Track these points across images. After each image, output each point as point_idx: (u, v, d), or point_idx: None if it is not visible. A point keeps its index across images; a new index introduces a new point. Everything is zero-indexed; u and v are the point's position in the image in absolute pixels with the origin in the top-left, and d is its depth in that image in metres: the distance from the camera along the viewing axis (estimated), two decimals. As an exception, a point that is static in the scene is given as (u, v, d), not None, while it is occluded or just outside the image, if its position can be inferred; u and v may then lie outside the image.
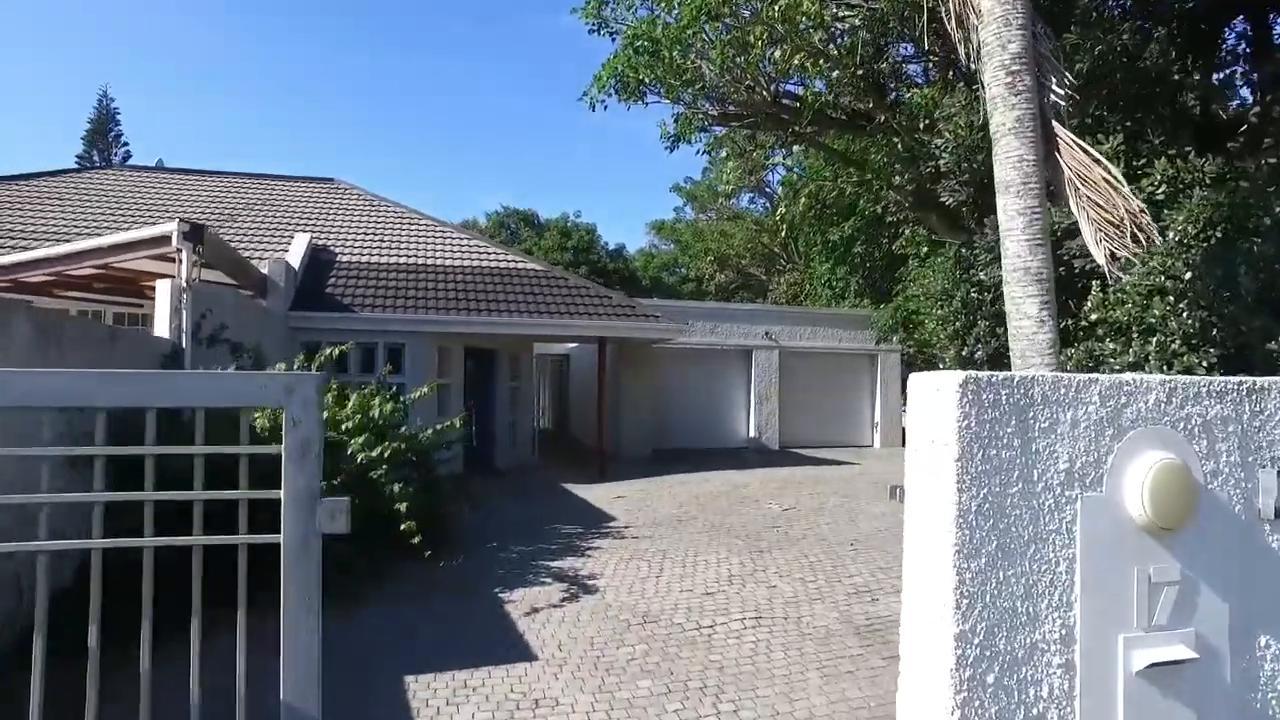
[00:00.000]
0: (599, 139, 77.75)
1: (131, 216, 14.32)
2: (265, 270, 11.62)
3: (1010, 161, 3.11)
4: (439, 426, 8.07)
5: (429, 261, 14.45)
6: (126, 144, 36.28)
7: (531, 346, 15.43)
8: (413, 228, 16.01)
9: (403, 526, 6.10)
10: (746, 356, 18.10)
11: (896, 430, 18.80)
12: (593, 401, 17.08)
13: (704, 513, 9.75)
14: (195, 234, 7.75)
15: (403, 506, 6.16)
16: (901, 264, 18.03)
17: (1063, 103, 3.19)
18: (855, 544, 8.02)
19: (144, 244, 7.98)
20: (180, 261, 7.76)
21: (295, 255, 13.14)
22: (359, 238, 15.14)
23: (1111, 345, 5.82)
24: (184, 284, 7.69)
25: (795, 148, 10.64)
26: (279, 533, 1.83)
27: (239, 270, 10.34)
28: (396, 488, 6.25)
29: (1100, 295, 6.28)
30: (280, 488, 1.82)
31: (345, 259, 14.03)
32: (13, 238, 11.85)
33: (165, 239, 7.69)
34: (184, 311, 7.68)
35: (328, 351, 8.17)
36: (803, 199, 12.21)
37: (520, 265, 14.92)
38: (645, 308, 14.19)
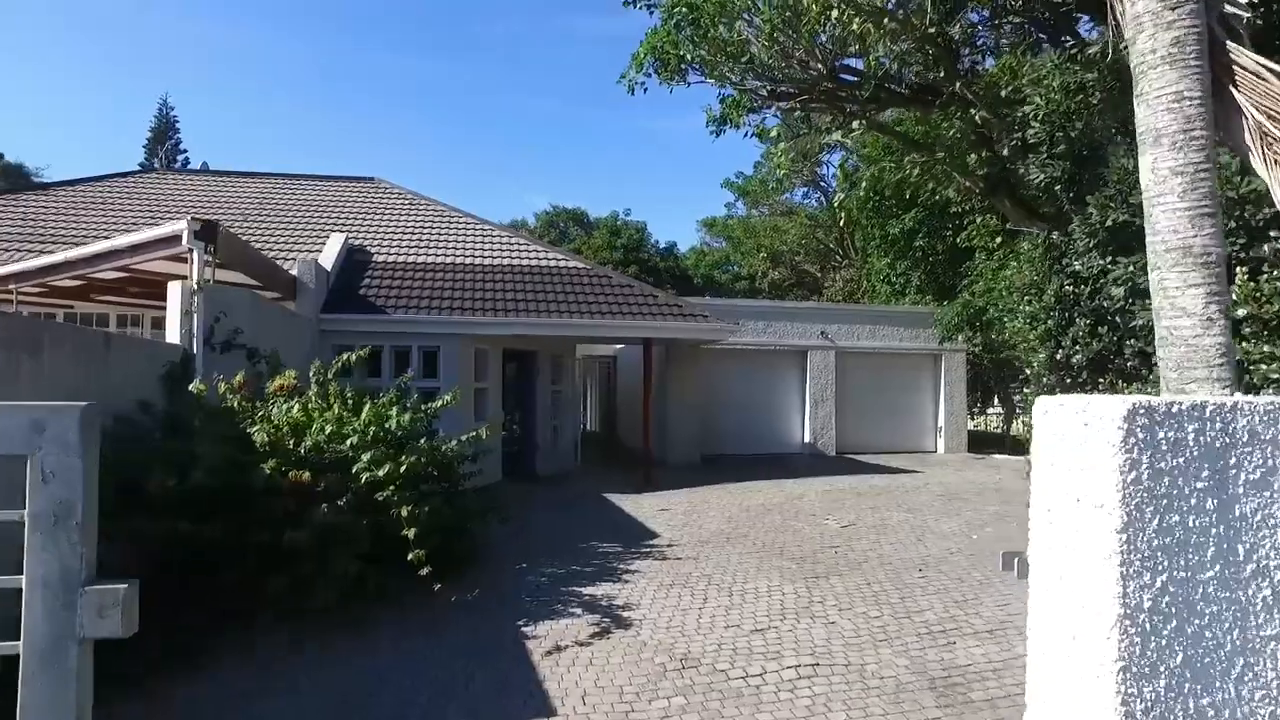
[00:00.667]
0: (650, 141, 77.16)
1: (167, 218, 14.16)
2: (295, 272, 11.24)
3: (1164, 102, 2.26)
4: (465, 437, 7.46)
5: (468, 261, 13.94)
6: (185, 151, 37.15)
7: (574, 348, 14.82)
8: (453, 226, 15.56)
9: (410, 556, 5.46)
10: (801, 357, 17.16)
11: (961, 435, 17.60)
12: (640, 404, 16.39)
13: (754, 529, 8.94)
14: (207, 232, 7.30)
15: (411, 532, 5.52)
16: (967, 257, 16.85)
17: (1244, 13, 2.34)
18: (924, 570, 7.12)
19: (156, 244, 7.58)
20: (192, 262, 7.32)
21: (329, 256, 12.77)
22: (397, 237, 14.75)
23: (1268, 348, 4.70)
24: (195, 285, 7.25)
25: (854, 129, 9.67)
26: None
27: (264, 272, 9.95)
28: (406, 511, 5.62)
29: (1249, 284, 5.17)
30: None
31: (381, 259, 13.62)
32: (41, 241, 11.74)
33: (176, 238, 7.27)
34: (195, 315, 7.23)
35: (345, 356, 7.63)
36: (863, 184, 11.24)
37: (562, 263, 14.31)
38: (693, 307, 13.43)
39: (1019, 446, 17.74)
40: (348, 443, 5.88)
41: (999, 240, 11.92)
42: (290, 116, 78.44)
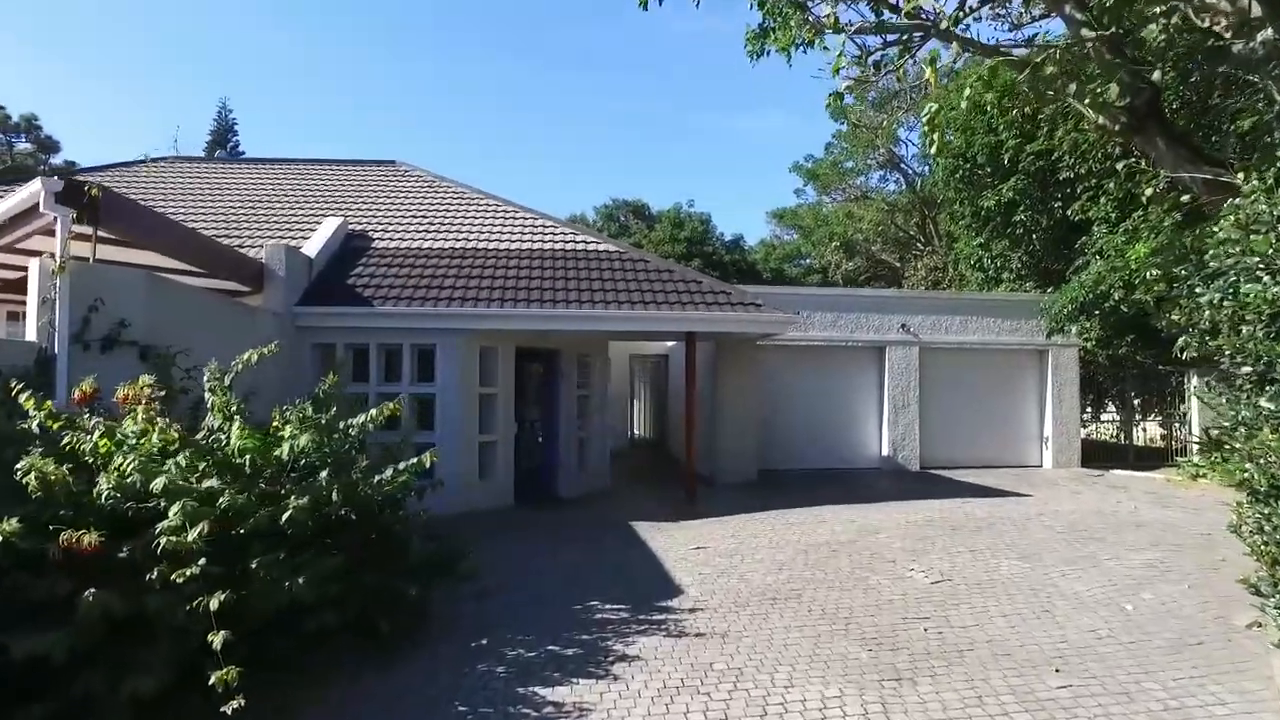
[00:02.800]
0: (720, 139, 74.70)
1: (198, 210, 12.86)
2: (263, 258, 9.56)
3: None
4: (406, 464, 5.50)
5: (479, 245, 12.07)
6: (243, 154, 36.88)
7: (605, 345, 12.78)
8: (470, 209, 13.74)
9: (214, 678, 3.47)
10: (878, 354, 14.64)
11: (1073, 446, 14.71)
12: (704, 409, 14.22)
13: (813, 582, 6.67)
14: (71, 195, 5.55)
15: (219, 640, 3.56)
16: (1081, 232, 13.99)
17: None
18: (1063, 668, 4.74)
19: (18, 220, 5.89)
20: (57, 235, 5.60)
21: (316, 243, 11.10)
22: (406, 221, 13.02)
23: None
24: (57, 265, 5.51)
25: (942, 56, 7.24)
26: None
27: (205, 256, 8.29)
28: (216, 600, 3.66)
29: None
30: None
31: (382, 246, 11.89)
32: None
33: (33, 208, 5.57)
34: (57, 303, 5.49)
35: (249, 355, 5.75)
36: (966, 92, 8.67)
37: (591, 247, 12.28)
38: (744, 294, 11.18)
39: (1148, 460, 14.75)
40: (157, 483, 3.91)
41: (1149, 195, 9.20)
42: (356, 119, 79.37)
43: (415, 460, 5.49)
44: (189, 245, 8.25)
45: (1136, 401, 16.24)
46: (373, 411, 5.52)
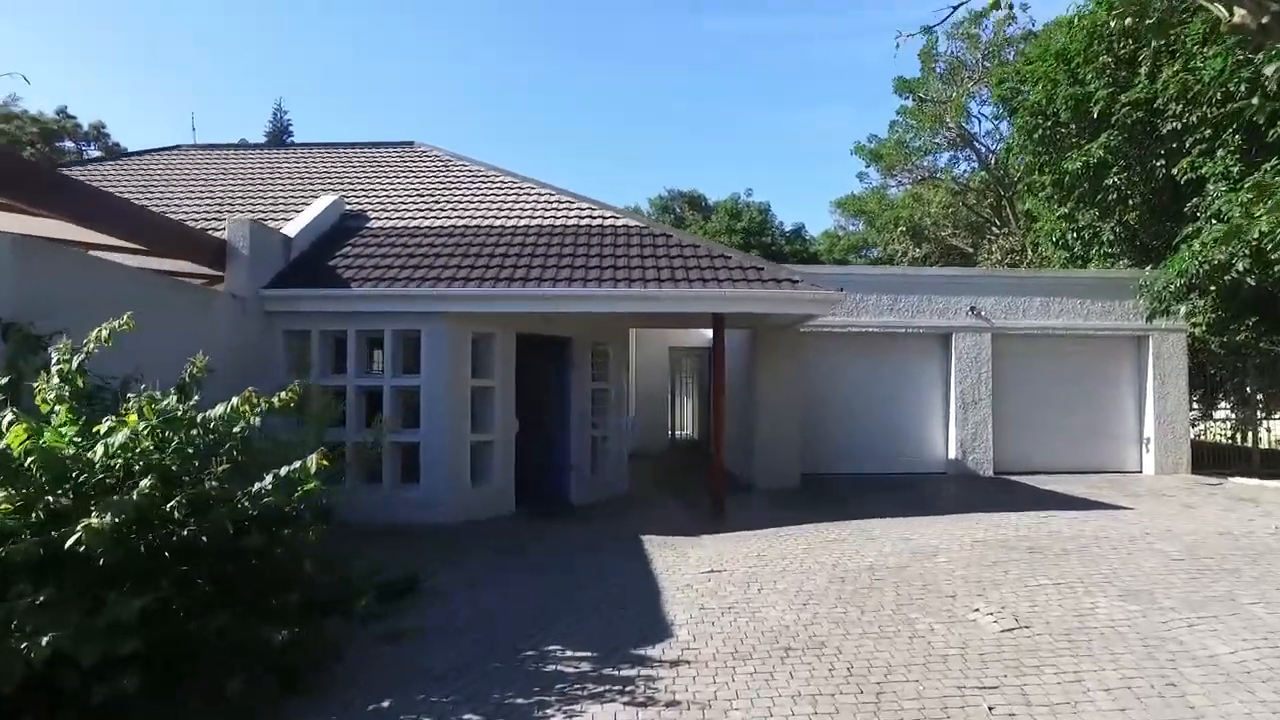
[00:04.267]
0: (782, 135, 72.48)
1: (184, 195, 12.12)
2: (226, 235, 8.52)
3: None
4: (288, 470, 4.21)
5: (484, 222, 10.85)
6: (295, 153, 36.92)
7: (625, 333, 11.38)
8: (483, 186, 12.55)
9: None
10: (943, 342, 12.79)
11: (1181, 449, 12.53)
12: (738, 406, 12.74)
13: (844, 624, 5.12)
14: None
15: None
16: (1190, 195, 11.83)
17: None
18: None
19: None
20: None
21: (301, 222, 10.06)
22: (410, 200, 11.92)
23: None
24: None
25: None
26: None
27: (154, 233, 7.27)
28: None
29: None
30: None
31: (378, 225, 10.79)
32: None
33: None
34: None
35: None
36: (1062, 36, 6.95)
37: (608, 221, 10.90)
38: (779, 270, 9.59)
39: (1276, 466, 12.46)
40: None
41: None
42: (411, 118, 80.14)
43: (300, 464, 4.17)
44: (127, 219, 7.23)
45: (1259, 396, 13.86)
46: (220, 408, 4.22)
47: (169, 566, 3.67)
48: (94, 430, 3.77)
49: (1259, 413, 13.91)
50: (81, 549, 3.22)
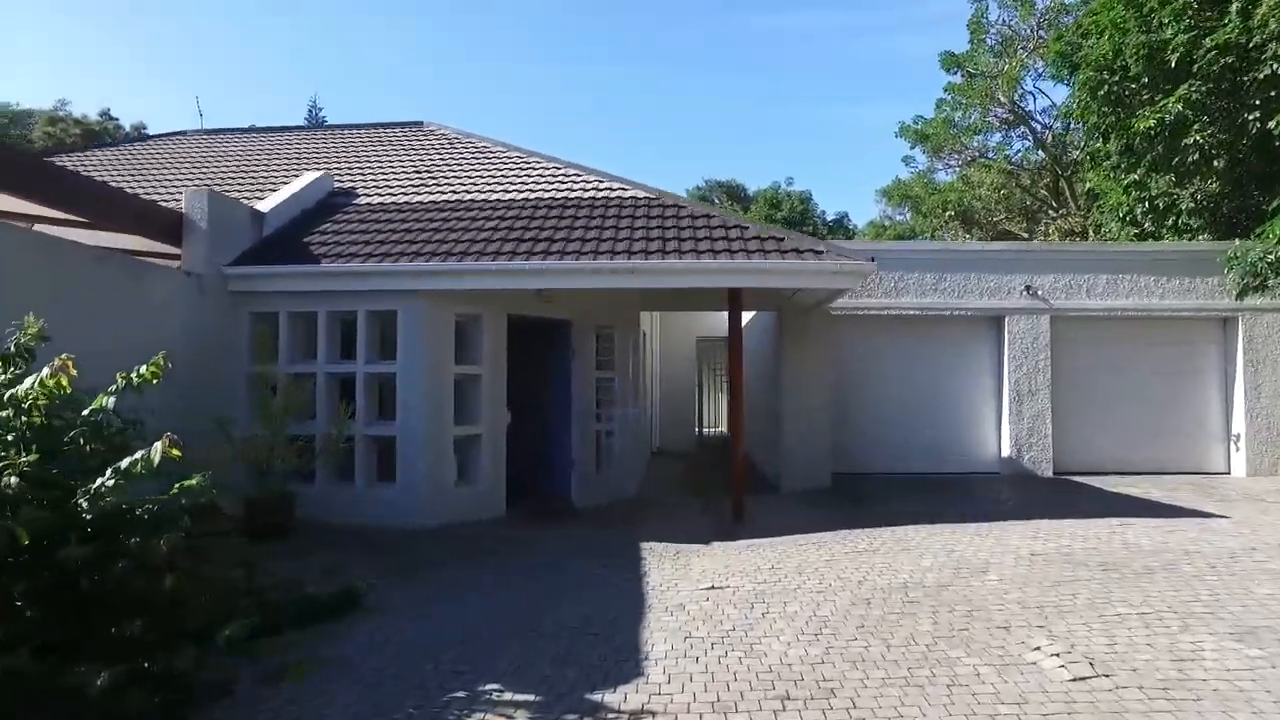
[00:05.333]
0: (826, 129, 70.53)
1: (181, 178, 11.49)
2: (183, 208, 7.72)
3: None
4: (126, 464, 3.27)
5: (478, 196, 9.92)
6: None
7: (634, 317, 10.30)
8: (485, 161, 11.62)
9: None
10: (994, 325, 11.42)
11: (1278, 447, 10.93)
12: (764, 399, 11.64)
13: (863, 664, 4.00)
14: None
15: None
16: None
17: None
18: None
19: None
20: None
21: (279, 197, 9.27)
22: (405, 177, 11.07)
23: None
24: None
25: None
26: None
27: (96, 204, 6.51)
28: None
29: None
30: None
31: (364, 201, 9.95)
32: None
33: None
34: None
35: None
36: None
37: (614, 193, 9.86)
38: (802, 240, 8.38)
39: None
40: None
41: None
42: (443, 107, 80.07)
43: (141, 456, 3.22)
44: (68, 191, 6.47)
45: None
46: (44, 372, 3.29)
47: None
48: None
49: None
50: None
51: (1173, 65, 10.98)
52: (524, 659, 4.22)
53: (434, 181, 10.72)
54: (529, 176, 10.73)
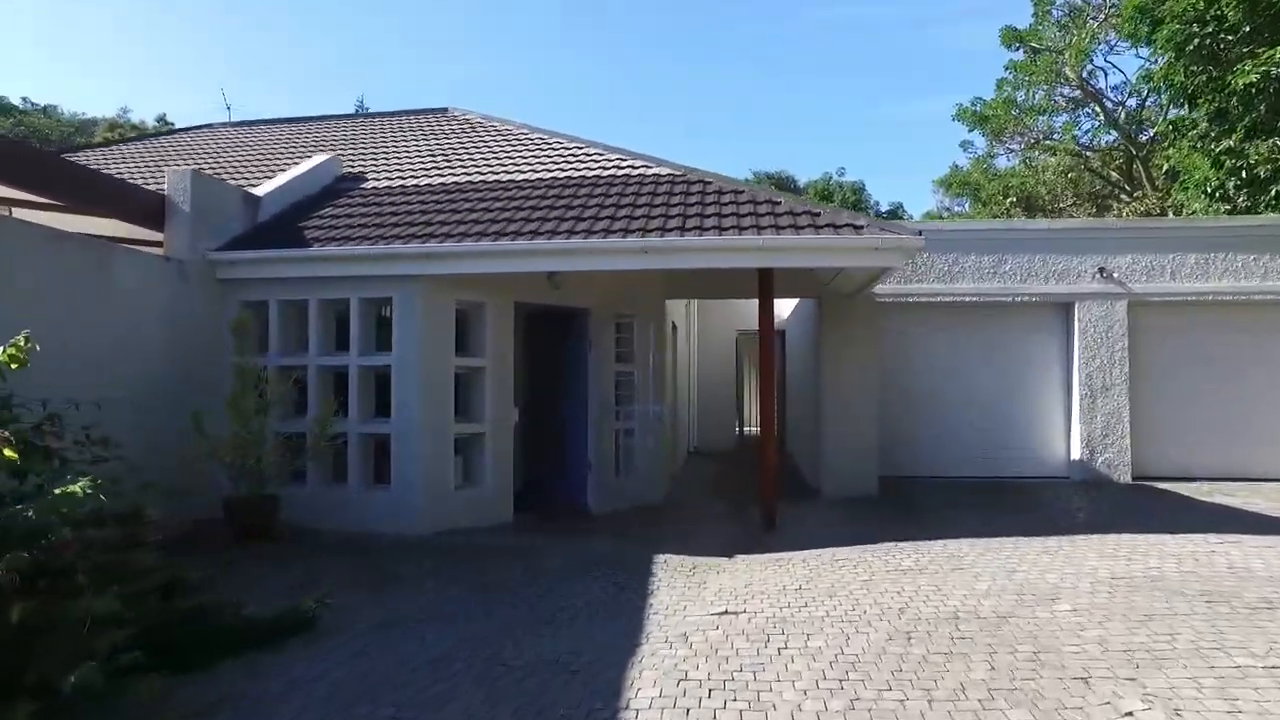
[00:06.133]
0: (875, 126, 68.44)
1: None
2: (165, 190, 7.22)
3: None
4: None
5: (491, 177, 9.26)
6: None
7: (659, 305, 9.48)
8: (506, 144, 10.95)
9: None
10: (1063, 313, 10.25)
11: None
12: (806, 395, 10.76)
13: (894, 732, 3.13)
14: None
15: None
16: None
17: None
18: None
19: None
20: None
21: (278, 181, 8.77)
22: (419, 161, 10.50)
23: None
24: None
25: None
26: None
27: (65, 184, 6.04)
28: None
29: None
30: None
31: (372, 185, 9.39)
32: None
33: None
34: None
35: None
36: None
37: (637, 170, 9.08)
38: (840, 214, 7.42)
39: None
40: None
41: None
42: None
43: None
44: (36, 170, 6.00)
45: None
46: None
47: None
48: None
49: None
50: None
51: (1275, 12, 9.62)
52: (480, 704, 3.47)
53: (447, 165, 10.11)
54: (547, 156, 10.03)
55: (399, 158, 10.77)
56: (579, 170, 9.24)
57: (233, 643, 3.98)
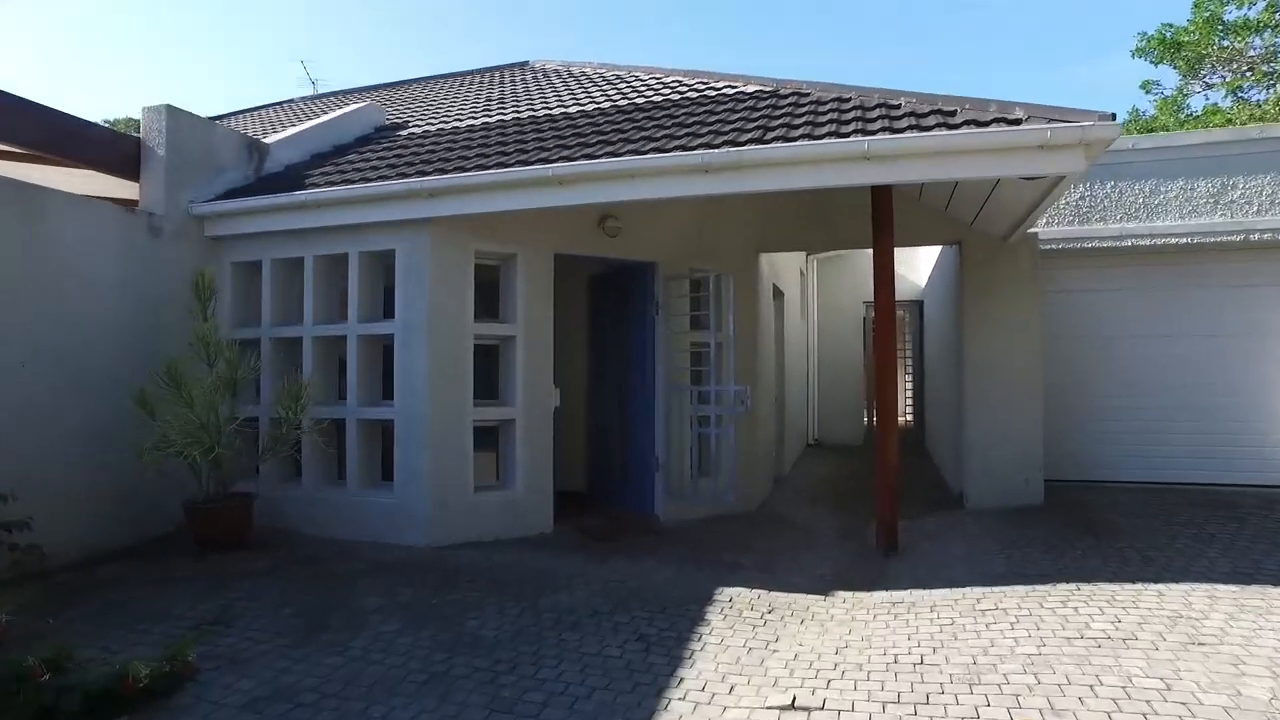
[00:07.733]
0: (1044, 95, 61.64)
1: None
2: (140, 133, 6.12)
3: None
4: None
5: (548, 112, 7.69)
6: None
7: (753, 259, 7.52)
8: (581, 85, 9.30)
9: None
10: (1312, 261, 7.37)
11: None
12: (947, 374, 8.68)
13: None
14: None
15: None
16: None
17: None
18: None
19: None
20: None
21: (299, 128, 7.64)
22: (472, 107, 9.08)
23: None
24: None
25: None
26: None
27: (31, 129, 5.05)
28: None
29: None
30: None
31: (408, 132, 8.06)
32: None
33: None
34: None
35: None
36: None
37: (721, 90, 7.19)
38: (986, 107, 5.15)
39: None
40: None
41: None
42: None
43: None
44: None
45: None
46: None
47: None
48: None
49: None
50: None
51: None
52: None
53: (499, 107, 8.63)
54: (615, 90, 8.33)
55: (450, 107, 9.42)
56: (650, 98, 7.47)
57: (76, 711, 2.60)
